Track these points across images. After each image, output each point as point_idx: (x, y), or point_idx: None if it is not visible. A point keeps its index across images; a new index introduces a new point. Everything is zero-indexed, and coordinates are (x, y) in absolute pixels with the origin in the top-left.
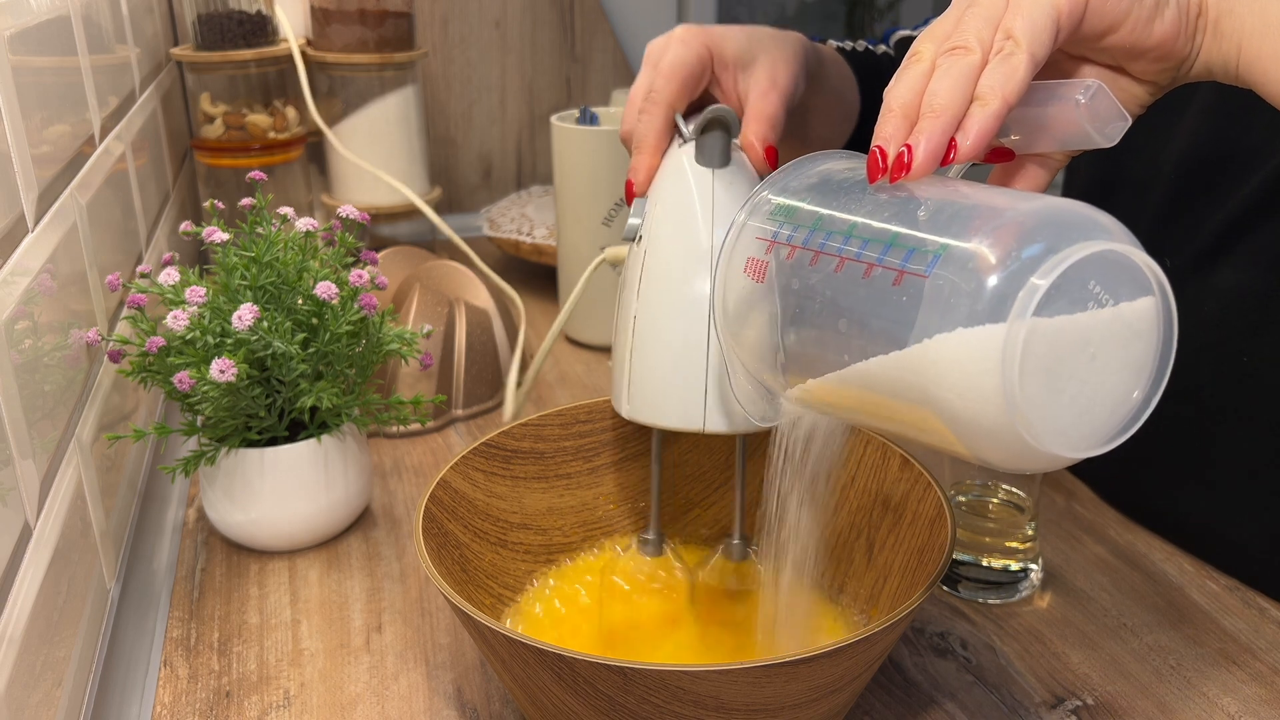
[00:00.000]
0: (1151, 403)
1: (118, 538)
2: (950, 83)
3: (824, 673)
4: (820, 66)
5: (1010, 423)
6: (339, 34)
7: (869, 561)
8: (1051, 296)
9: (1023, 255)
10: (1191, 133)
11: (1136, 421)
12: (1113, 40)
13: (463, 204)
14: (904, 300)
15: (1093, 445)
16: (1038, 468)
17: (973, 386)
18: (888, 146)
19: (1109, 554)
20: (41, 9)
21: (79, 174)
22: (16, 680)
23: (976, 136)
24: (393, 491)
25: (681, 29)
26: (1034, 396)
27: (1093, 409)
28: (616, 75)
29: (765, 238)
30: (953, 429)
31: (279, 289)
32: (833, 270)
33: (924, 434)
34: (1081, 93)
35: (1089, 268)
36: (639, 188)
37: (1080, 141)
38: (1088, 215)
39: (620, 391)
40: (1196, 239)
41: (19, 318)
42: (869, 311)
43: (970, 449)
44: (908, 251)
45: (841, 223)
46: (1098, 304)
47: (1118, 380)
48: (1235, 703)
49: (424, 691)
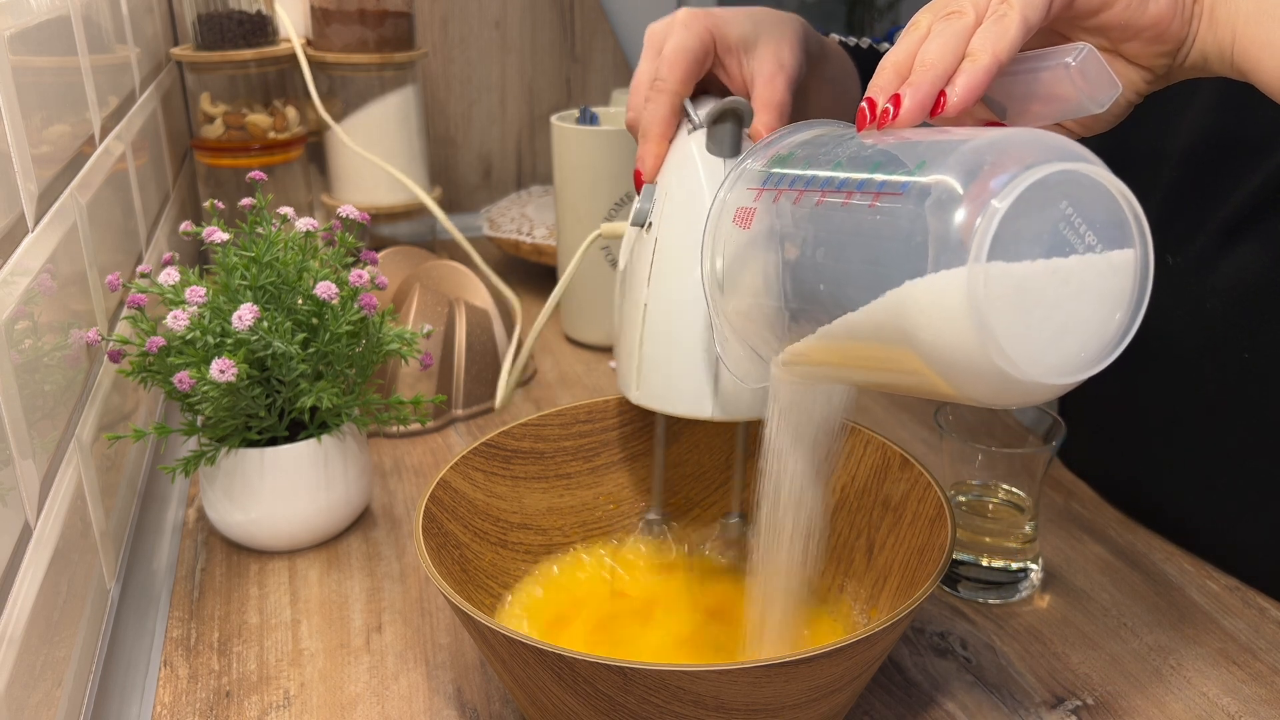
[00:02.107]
0: (1133, 326)
1: (118, 538)
2: (942, 41)
3: (824, 673)
4: (821, 51)
5: (988, 357)
6: (339, 34)
7: (869, 561)
8: (1017, 216)
9: (989, 180)
10: (1195, 127)
11: (1120, 344)
12: (1107, 17)
13: (463, 204)
14: (880, 224)
15: (1077, 370)
16: (1029, 400)
17: (946, 325)
18: (877, 98)
19: (1109, 554)
20: (41, 9)
21: (79, 174)
22: (16, 680)
23: (964, 88)
24: (393, 491)
25: (683, 12)
26: (1008, 329)
27: (1073, 334)
28: (616, 75)
29: (754, 187)
30: (935, 369)
31: (279, 289)
32: (814, 205)
33: (908, 377)
34: (1072, 56)
35: (1058, 190)
36: (648, 175)
37: (1073, 110)
38: (1058, 141)
39: (629, 378)
40: (1199, 235)
41: (19, 318)
42: (848, 243)
43: (955, 389)
44: (883, 181)
45: (825, 163)
46: (1070, 228)
47: (1096, 306)
48: (1235, 703)
49: (424, 691)
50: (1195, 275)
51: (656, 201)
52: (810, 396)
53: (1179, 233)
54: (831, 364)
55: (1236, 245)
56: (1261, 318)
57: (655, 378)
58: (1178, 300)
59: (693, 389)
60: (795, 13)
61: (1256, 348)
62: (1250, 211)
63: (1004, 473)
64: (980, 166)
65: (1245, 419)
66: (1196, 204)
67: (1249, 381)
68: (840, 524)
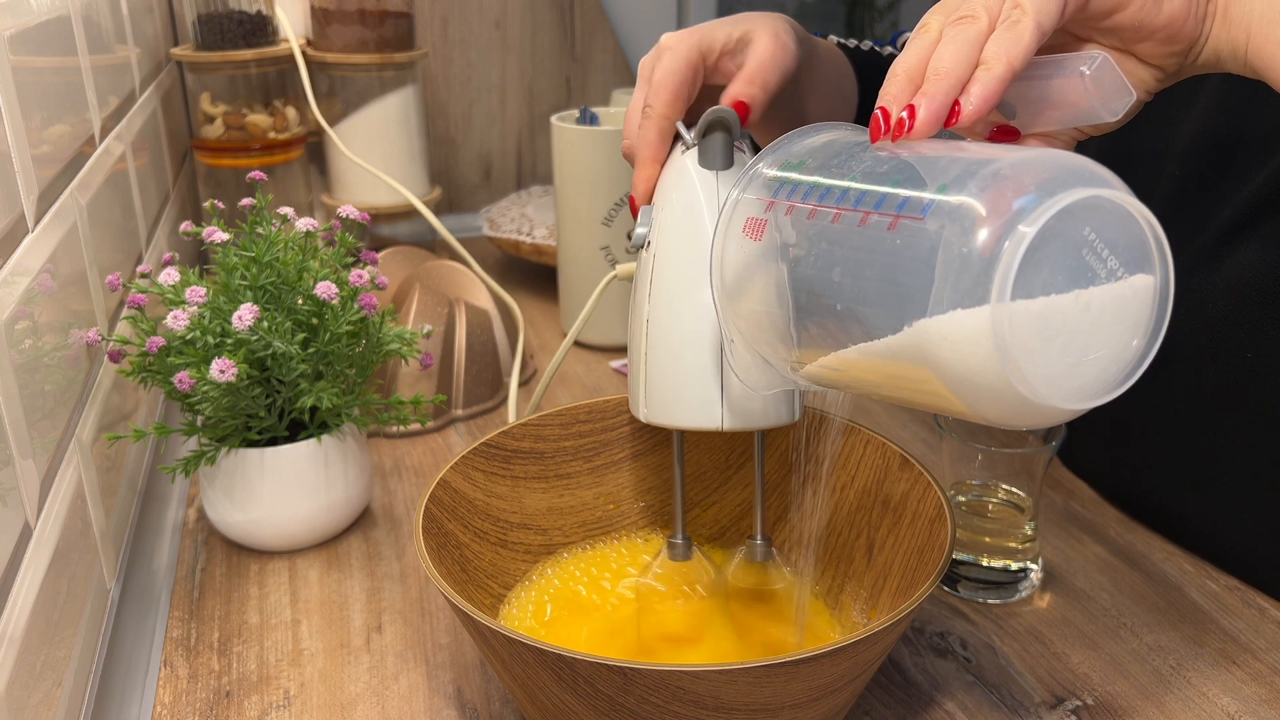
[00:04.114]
0: (1151, 351)
1: (118, 538)
2: (955, 48)
3: (824, 673)
4: (812, 49)
5: (1009, 384)
6: (339, 34)
7: (869, 561)
8: (1042, 244)
9: (1014, 205)
10: (1198, 127)
11: (1137, 370)
12: (1121, 18)
13: (462, 204)
14: (900, 248)
15: (1094, 396)
16: (1042, 422)
17: (970, 353)
18: (891, 107)
19: (1109, 554)
20: (41, 9)
21: (79, 174)
22: (16, 680)
23: (979, 98)
24: (393, 491)
25: (667, 37)
26: (1030, 357)
27: (1090, 361)
28: (616, 75)
29: (765, 198)
30: (954, 392)
31: (279, 289)
32: (829, 222)
33: (924, 396)
34: (1086, 64)
35: (1081, 215)
36: (640, 199)
37: (1085, 117)
38: (1080, 164)
39: (637, 396)
40: (1202, 234)
41: (19, 318)
42: (865, 262)
43: (972, 409)
44: (903, 200)
45: (840, 175)
46: (1093, 253)
47: (1115, 332)
48: (1235, 703)
49: (424, 691)
50: (1197, 275)
51: (655, 221)
52: None
53: (1181, 232)
54: (846, 379)
55: (1239, 245)
56: (1264, 318)
57: (660, 393)
58: (1179, 300)
59: (698, 401)
60: (795, 13)
61: (1258, 348)
62: (1253, 211)
63: (1004, 473)
64: (1004, 192)
65: (1247, 419)
66: (1199, 203)
67: (1251, 381)
68: (840, 524)
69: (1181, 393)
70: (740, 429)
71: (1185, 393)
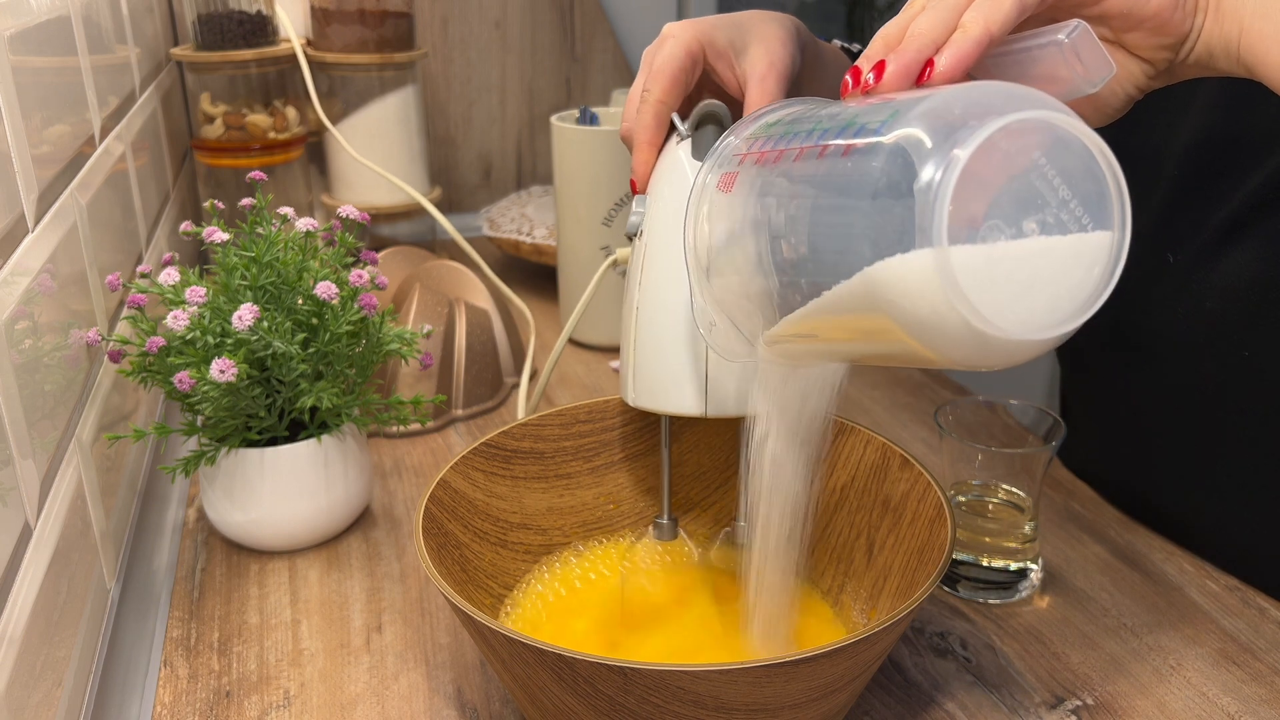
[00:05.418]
0: (1114, 275)
1: (118, 538)
2: (934, 14)
3: (824, 673)
4: (816, 52)
5: (963, 319)
6: (339, 34)
7: (869, 561)
8: (985, 168)
9: (955, 132)
10: (1196, 126)
11: (1100, 297)
12: (1109, 5)
13: (463, 204)
14: (852, 181)
15: (1058, 324)
16: (1013, 359)
17: (920, 289)
18: (863, 66)
19: (1109, 554)
20: (41, 9)
21: (79, 174)
22: (16, 680)
23: (952, 57)
24: (393, 491)
25: (669, 26)
26: (981, 289)
27: (1049, 289)
28: (616, 75)
29: (738, 153)
30: (914, 336)
31: (279, 289)
32: (792, 161)
33: (892, 346)
34: (1064, 33)
35: (1030, 141)
36: (640, 184)
37: (1068, 91)
38: (1031, 93)
39: (626, 382)
40: (1201, 233)
41: (19, 318)
42: (826, 206)
43: (938, 354)
44: (858, 128)
45: (805, 123)
46: (1044, 180)
47: (1075, 260)
48: (1235, 703)
49: (424, 691)
50: (1196, 274)
51: (647, 209)
52: (796, 385)
53: (1180, 231)
54: (816, 335)
55: (1237, 244)
56: (1262, 316)
57: (647, 378)
58: (1178, 299)
59: (683, 387)
60: (795, 13)
61: (1257, 346)
62: (1251, 210)
63: (1004, 473)
64: (945, 115)
65: (1246, 418)
66: (1198, 202)
67: (1250, 380)
68: (840, 524)
69: (1181, 392)
70: (721, 416)
71: (1185, 392)
